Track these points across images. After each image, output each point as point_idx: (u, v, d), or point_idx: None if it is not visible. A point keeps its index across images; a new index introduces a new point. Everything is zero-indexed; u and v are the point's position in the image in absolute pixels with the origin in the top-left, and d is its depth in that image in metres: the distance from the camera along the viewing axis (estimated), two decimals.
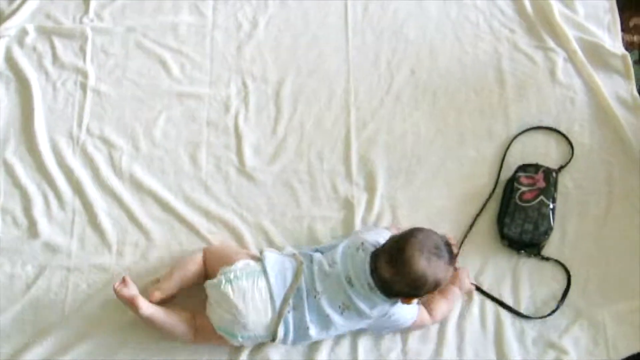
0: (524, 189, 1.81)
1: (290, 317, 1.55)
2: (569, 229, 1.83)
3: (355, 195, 1.86)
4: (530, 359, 1.67)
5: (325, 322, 1.57)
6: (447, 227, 1.81)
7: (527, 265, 1.78)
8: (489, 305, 1.73)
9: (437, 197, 1.88)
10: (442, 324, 1.70)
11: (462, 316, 1.72)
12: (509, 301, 1.74)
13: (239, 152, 1.92)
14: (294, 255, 1.63)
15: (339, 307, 1.56)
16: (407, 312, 1.62)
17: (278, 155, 1.93)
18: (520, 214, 1.78)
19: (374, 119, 1.98)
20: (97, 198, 1.85)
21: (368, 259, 1.54)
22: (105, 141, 1.93)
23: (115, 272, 1.75)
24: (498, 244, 1.81)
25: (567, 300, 1.73)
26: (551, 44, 2.09)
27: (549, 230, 1.77)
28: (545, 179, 1.82)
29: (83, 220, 1.82)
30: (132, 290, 1.56)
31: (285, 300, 1.54)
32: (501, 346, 1.69)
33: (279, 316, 1.54)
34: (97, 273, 1.76)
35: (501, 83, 2.04)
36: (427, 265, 1.49)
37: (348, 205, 1.86)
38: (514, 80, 2.04)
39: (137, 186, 1.87)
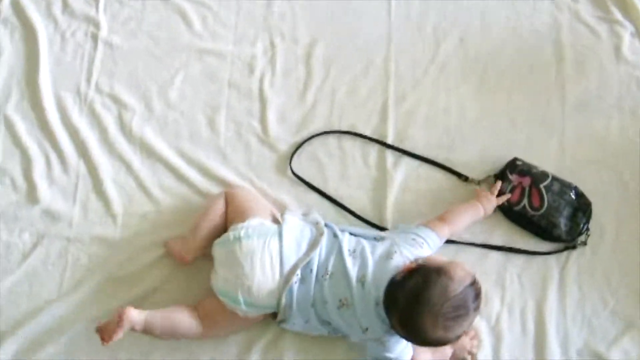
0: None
1: (295, 288, 1.45)
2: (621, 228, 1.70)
3: (389, 173, 1.73)
4: None
5: (322, 309, 1.46)
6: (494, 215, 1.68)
7: None
8: (531, 304, 1.62)
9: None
10: (477, 321, 1.59)
11: (500, 315, 1.61)
12: None
13: (263, 119, 1.80)
14: (317, 224, 1.53)
15: (340, 300, 1.44)
16: (402, 347, 1.47)
17: (305, 125, 1.80)
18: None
19: (415, 90, 1.83)
20: (104, 162, 1.74)
21: (389, 277, 1.41)
22: (116, 100, 1.81)
23: (119, 246, 1.66)
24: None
25: (618, 309, 1.63)
26: (618, 16, 1.91)
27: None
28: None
29: (87, 186, 1.72)
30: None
31: (294, 268, 1.46)
32: (542, 353, 1.58)
33: (285, 282, 1.45)
34: (100, 245, 1.67)
35: (559, 58, 1.87)
36: (444, 333, 1.34)
37: (380, 185, 1.73)
38: (573, 55, 1.87)
39: (148, 151, 1.76)
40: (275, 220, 1.54)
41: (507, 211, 1.66)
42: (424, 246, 1.49)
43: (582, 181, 1.69)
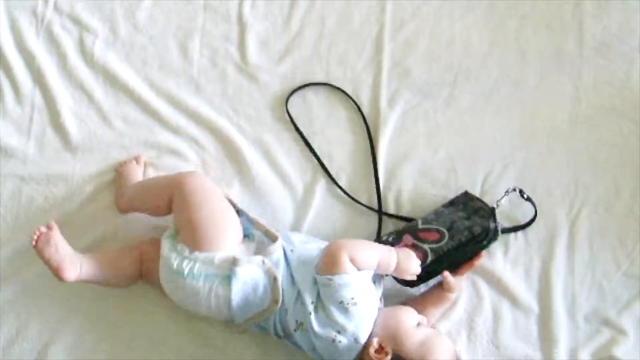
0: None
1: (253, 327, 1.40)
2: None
3: (383, 112, 1.60)
4: (579, 337, 1.46)
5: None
6: (496, 163, 1.57)
7: None
8: (536, 262, 1.50)
9: (486, 126, 1.61)
10: (475, 281, 1.49)
11: (503, 273, 1.49)
12: None
13: (241, 46, 1.68)
14: (268, 270, 1.34)
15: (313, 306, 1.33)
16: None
17: (289, 53, 1.67)
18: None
19: (415, 18, 1.69)
20: (62, 91, 1.63)
21: None
22: (76, 21, 1.70)
23: (78, 184, 1.56)
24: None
25: (632, 271, 1.51)
26: None
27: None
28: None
29: (43, 118, 1.62)
30: (57, 249, 1.36)
31: (245, 323, 1.37)
32: (546, 316, 1.46)
33: (238, 326, 1.40)
34: (57, 184, 1.56)
35: None
36: None
37: (371, 125, 1.60)
38: None
39: (112, 79, 1.64)
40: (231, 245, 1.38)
41: (431, 268, 1.42)
42: (357, 305, 1.30)
43: (598, 131, 1.59)
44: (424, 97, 1.61)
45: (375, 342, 1.29)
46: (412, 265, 1.35)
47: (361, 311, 1.27)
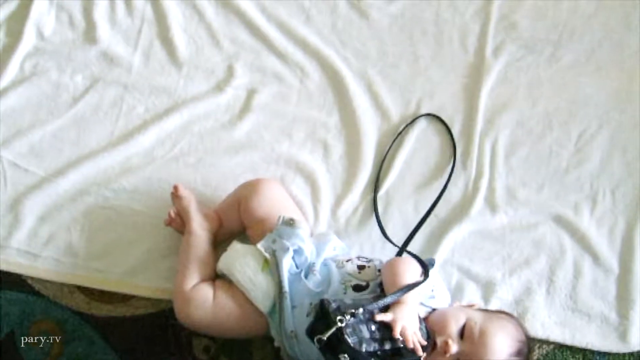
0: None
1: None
2: None
3: (487, 61, 1.58)
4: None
5: None
6: (592, 121, 1.55)
7: None
8: (621, 223, 1.47)
9: (585, 85, 1.58)
10: (560, 235, 1.46)
11: (588, 230, 1.47)
12: None
13: None
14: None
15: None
16: None
17: None
18: None
19: None
20: (174, 7, 1.61)
21: None
22: None
23: (180, 99, 1.53)
24: None
25: None
26: None
27: None
28: None
29: (152, 31, 1.59)
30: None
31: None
32: (625, 278, 1.43)
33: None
34: (159, 96, 1.54)
35: None
36: None
37: (475, 72, 1.58)
38: None
39: (225, 1, 1.61)
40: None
41: None
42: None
43: None
44: (528, 52, 1.58)
45: None
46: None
47: None
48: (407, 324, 1.13)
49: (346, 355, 1.08)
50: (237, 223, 1.37)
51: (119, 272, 1.39)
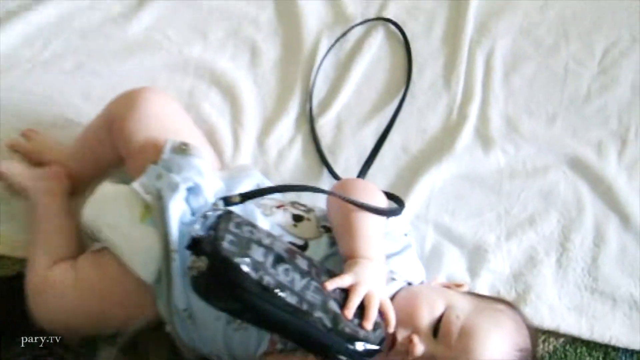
0: None
1: None
2: None
3: None
4: None
5: None
6: (624, 33, 1.33)
7: None
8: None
9: None
10: (576, 184, 1.22)
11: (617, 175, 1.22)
12: None
13: None
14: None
15: None
16: None
17: None
18: None
19: None
20: None
21: None
22: None
23: None
24: None
25: None
26: None
27: None
28: None
29: None
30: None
31: None
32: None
33: None
34: None
35: None
36: None
37: None
38: None
39: None
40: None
41: None
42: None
43: None
44: None
45: None
46: None
47: None
48: (374, 289, 0.85)
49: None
50: (109, 156, 1.11)
51: None
